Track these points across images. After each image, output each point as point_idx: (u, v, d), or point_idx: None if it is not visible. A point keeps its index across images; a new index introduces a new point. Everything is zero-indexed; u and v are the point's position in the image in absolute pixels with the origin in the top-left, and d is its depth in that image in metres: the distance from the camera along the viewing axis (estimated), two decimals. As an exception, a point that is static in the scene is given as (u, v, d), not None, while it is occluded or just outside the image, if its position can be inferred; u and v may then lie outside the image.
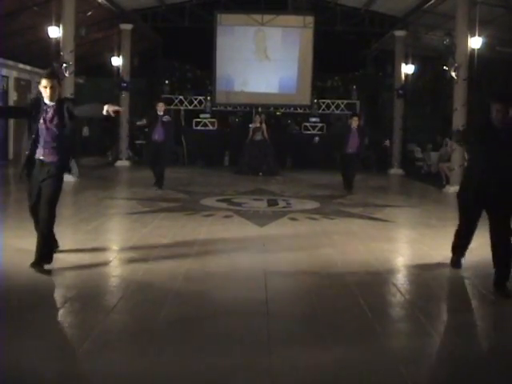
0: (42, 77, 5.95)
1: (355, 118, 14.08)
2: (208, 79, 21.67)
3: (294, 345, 4.10)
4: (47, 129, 5.84)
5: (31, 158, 5.88)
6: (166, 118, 13.33)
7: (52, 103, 5.85)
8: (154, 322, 4.44)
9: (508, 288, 5.38)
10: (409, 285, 5.88)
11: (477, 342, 4.30)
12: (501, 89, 9.72)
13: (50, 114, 5.84)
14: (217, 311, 4.77)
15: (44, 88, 5.82)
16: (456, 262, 6.27)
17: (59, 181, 5.95)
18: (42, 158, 5.87)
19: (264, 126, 17.33)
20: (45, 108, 5.85)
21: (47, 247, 5.90)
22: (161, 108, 13.32)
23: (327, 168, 18.70)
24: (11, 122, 19.46)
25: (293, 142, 20.24)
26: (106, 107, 5.57)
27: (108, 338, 4.18)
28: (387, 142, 13.38)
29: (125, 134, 19.48)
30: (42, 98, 5.88)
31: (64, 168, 6.05)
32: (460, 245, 6.21)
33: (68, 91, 13.08)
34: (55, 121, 5.85)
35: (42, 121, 5.84)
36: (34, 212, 5.97)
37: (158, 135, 13.16)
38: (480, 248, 7.16)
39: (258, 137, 17.13)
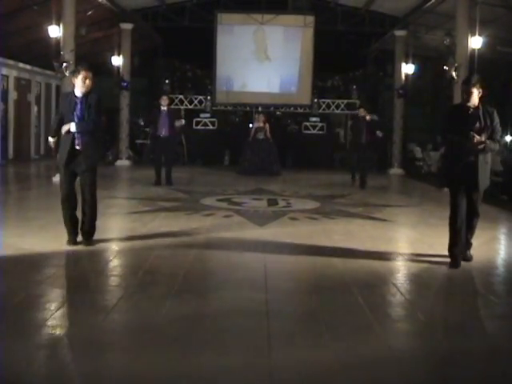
0: (82, 69, 6.58)
1: (362, 109, 14.29)
2: (208, 79, 21.65)
3: (294, 344, 4.10)
4: (79, 120, 6.55)
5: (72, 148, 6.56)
6: (167, 108, 13.37)
7: (81, 95, 6.55)
8: (154, 321, 4.44)
9: (468, 255, 6.53)
10: (409, 284, 5.88)
11: (477, 342, 4.30)
12: (468, 74, 10.53)
13: (79, 106, 6.56)
14: (217, 311, 4.77)
15: (84, 79, 6.53)
16: (455, 262, 6.31)
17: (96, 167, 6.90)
18: (77, 147, 6.58)
19: (267, 125, 16.91)
20: (76, 100, 6.56)
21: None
22: (164, 101, 13.36)
23: (327, 167, 18.73)
24: (11, 121, 19.48)
25: (293, 142, 20.24)
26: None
27: (108, 338, 4.18)
28: (379, 133, 13.97)
29: (125, 134, 19.48)
30: (73, 91, 6.60)
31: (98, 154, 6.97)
32: (454, 242, 6.40)
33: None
34: (84, 112, 6.55)
35: (74, 112, 6.54)
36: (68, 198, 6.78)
37: (164, 131, 13.18)
38: (479, 249, 7.18)
39: (261, 136, 16.72)
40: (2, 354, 3.76)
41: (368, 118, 14.02)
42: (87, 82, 6.56)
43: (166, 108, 13.37)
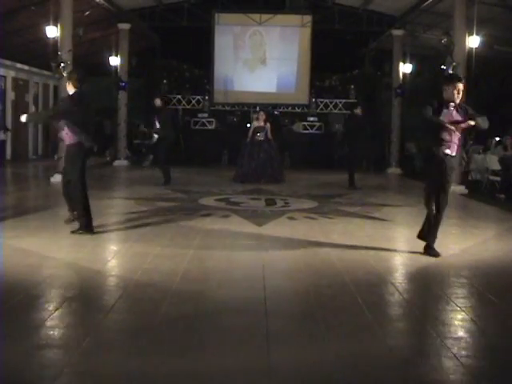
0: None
1: (359, 107, 14.20)
2: (206, 78, 21.67)
3: (293, 343, 4.11)
4: None
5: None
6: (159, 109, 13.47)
7: None
8: (153, 321, 4.44)
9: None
10: (407, 284, 5.89)
11: (476, 341, 4.31)
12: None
13: None
14: (215, 310, 4.78)
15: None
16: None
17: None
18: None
19: (268, 125, 14.80)
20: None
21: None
22: (157, 102, 13.47)
23: (325, 167, 18.73)
24: (9, 121, 19.45)
25: (291, 141, 20.24)
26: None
27: (107, 338, 4.19)
28: None
29: (123, 134, 19.48)
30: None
31: None
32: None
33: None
34: None
35: None
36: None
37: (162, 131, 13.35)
38: (477, 248, 7.19)
39: (261, 137, 14.65)
40: (1, 354, 3.76)
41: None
42: None
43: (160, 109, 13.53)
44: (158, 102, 13.63)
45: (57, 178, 13.42)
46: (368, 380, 3.62)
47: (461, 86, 6.63)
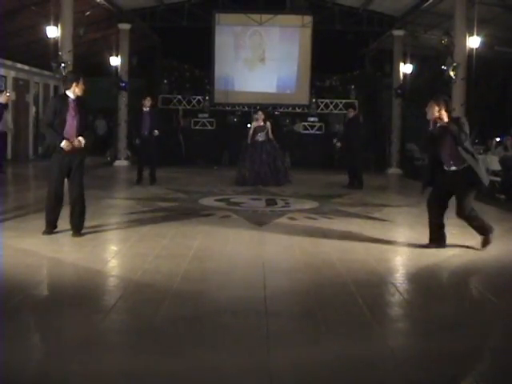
0: (81, 77, 7.28)
1: (350, 109, 14.35)
2: (206, 79, 21.68)
3: (293, 343, 4.11)
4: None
5: None
6: (149, 109, 13.39)
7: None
8: (153, 321, 4.44)
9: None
10: (407, 284, 5.88)
11: (476, 342, 4.31)
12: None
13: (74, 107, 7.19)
14: (215, 310, 4.77)
15: (83, 86, 7.23)
16: None
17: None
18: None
19: (268, 124, 14.24)
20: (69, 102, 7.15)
21: (82, 218, 7.39)
22: (148, 102, 13.40)
23: (326, 167, 18.73)
24: (10, 121, 19.43)
25: (291, 142, 20.24)
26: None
27: (107, 338, 4.19)
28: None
29: (123, 134, 19.48)
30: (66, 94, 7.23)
31: None
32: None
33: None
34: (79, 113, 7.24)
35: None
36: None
37: (146, 131, 13.32)
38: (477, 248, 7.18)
39: (261, 138, 14.12)
40: (1, 354, 3.76)
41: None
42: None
43: (148, 109, 13.41)
44: (149, 101, 13.53)
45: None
46: (368, 380, 3.61)
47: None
